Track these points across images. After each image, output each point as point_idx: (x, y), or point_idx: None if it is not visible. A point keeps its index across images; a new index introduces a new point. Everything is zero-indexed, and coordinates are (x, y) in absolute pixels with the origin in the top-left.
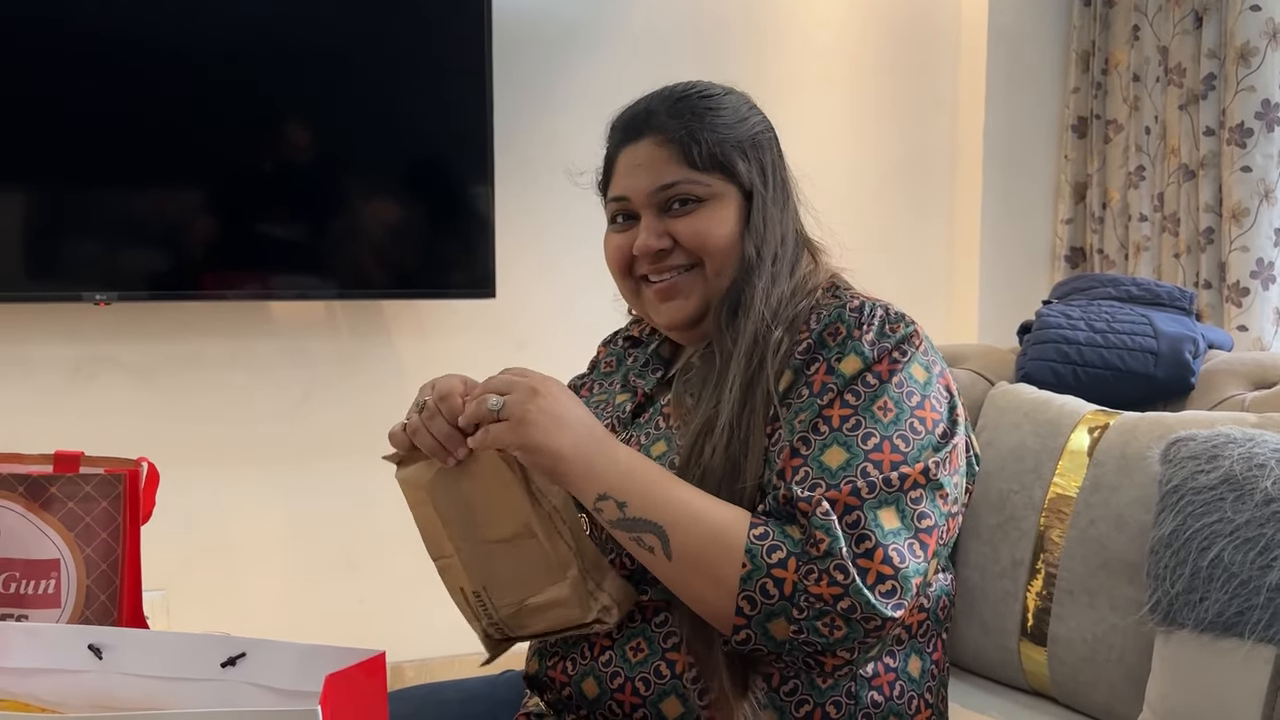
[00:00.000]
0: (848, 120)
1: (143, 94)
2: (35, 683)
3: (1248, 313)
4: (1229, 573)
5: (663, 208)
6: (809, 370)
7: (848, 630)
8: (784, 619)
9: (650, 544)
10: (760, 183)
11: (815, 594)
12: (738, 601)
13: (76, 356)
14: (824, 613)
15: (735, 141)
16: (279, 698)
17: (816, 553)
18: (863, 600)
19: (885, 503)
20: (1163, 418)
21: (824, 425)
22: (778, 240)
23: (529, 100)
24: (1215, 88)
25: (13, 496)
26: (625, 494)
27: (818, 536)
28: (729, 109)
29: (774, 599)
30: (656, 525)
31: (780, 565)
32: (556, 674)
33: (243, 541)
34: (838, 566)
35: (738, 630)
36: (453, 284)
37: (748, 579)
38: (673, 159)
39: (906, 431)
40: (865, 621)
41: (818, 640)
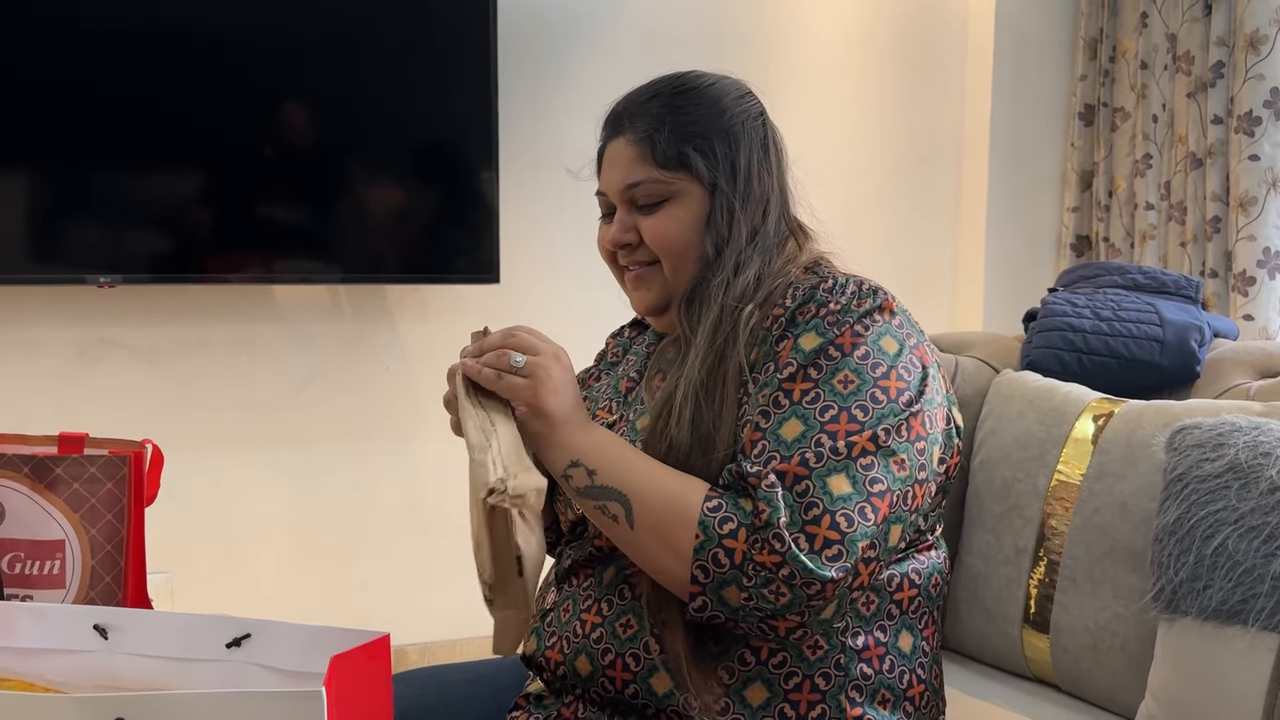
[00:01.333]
0: (854, 109)
1: (148, 76)
2: (40, 662)
3: (1254, 302)
4: (1233, 561)
5: (632, 203)
6: (778, 347)
7: (791, 596)
8: (735, 587)
9: (614, 512)
10: (728, 178)
11: (759, 562)
12: (692, 570)
13: (81, 339)
14: (769, 580)
15: (702, 136)
16: (284, 679)
17: (759, 523)
18: (800, 566)
19: (835, 470)
20: (1168, 406)
21: (784, 399)
22: (743, 236)
23: (534, 86)
24: (1224, 76)
25: (18, 477)
26: (596, 462)
27: (760, 508)
28: (705, 103)
29: (725, 568)
30: (621, 494)
31: (731, 536)
32: (553, 653)
33: (246, 525)
34: (775, 535)
35: (694, 598)
36: (457, 269)
37: (700, 549)
38: (639, 158)
39: (866, 401)
40: (805, 586)
41: (766, 606)
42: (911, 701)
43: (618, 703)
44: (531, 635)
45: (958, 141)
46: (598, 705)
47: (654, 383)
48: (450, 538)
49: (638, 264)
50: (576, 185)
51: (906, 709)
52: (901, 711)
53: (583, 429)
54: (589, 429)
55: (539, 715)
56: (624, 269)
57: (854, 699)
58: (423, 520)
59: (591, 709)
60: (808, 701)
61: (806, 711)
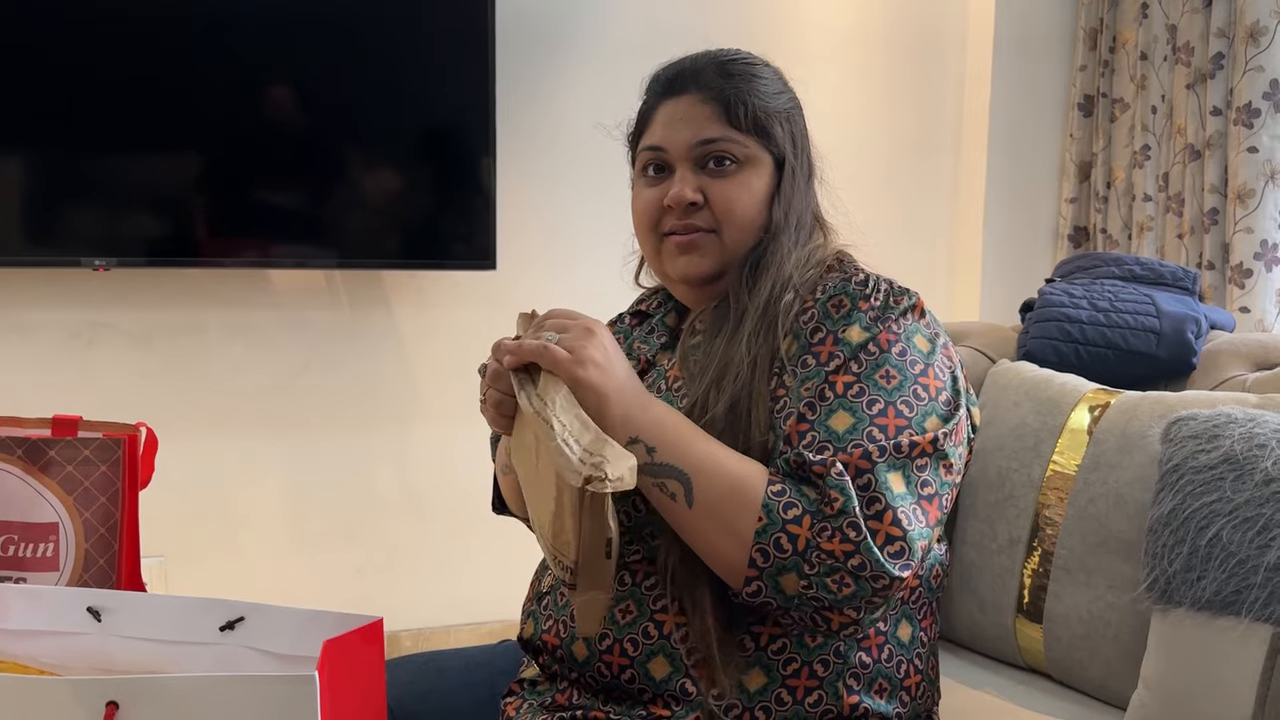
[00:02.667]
0: (852, 97)
1: (144, 59)
2: (34, 644)
3: (1250, 294)
4: (1227, 552)
5: (699, 163)
6: (813, 339)
7: (855, 588)
8: (795, 574)
9: (673, 490)
10: (792, 153)
11: (827, 550)
12: (751, 554)
13: (75, 322)
14: (834, 569)
15: (775, 109)
16: (277, 662)
17: (830, 511)
18: (873, 558)
19: (894, 467)
20: (1164, 397)
21: (829, 392)
22: (802, 209)
23: (533, 71)
24: (1223, 67)
25: (11, 460)
26: (655, 439)
27: (832, 495)
28: (768, 78)
29: (787, 554)
30: (681, 472)
31: (795, 522)
32: (549, 637)
33: (241, 509)
34: (851, 524)
35: (749, 582)
36: (453, 255)
37: (763, 532)
38: (715, 116)
39: (910, 398)
40: (874, 580)
41: (825, 596)
42: (908, 691)
43: (613, 688)
44: (529, 619)
45: (956, 132)
46: (592, 691)
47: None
48: (445, 523)
49: (693, 229)
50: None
51: (903, 698)
52: (898, 701)
53: (640, 404)
54: (647, 404)
55: (533, 701)
56: (668, 233)
57: (851, 687)
58: (418, 506)
59: (586, 695)
60: (805, 688)
61: (803, 698)
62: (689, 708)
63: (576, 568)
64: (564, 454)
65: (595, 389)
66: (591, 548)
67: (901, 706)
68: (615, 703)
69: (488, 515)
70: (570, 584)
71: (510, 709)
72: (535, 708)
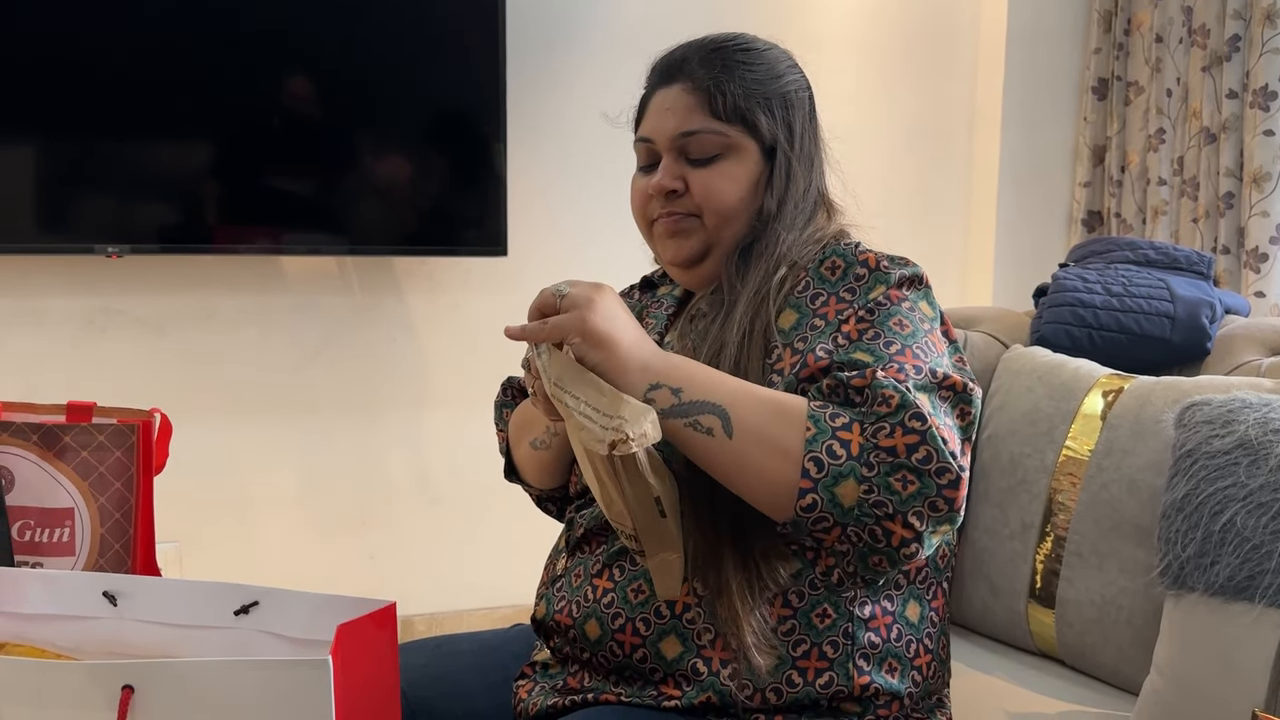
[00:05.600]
0: (865, 81)
1: (157, 46)
2: (51, 629)
3: (1266, 278)
4: (1241, 537)
5: (683, 153)
6: (815, 305)
7: (920, 484)
8: (853, 479)
9: (709, 425)
10: (785, 139)
11: (886, 447)
12: (804, 464)
13: (89, 308)
14: (897, 467)
15: (764, 96)
16: (291, 646)
17: (887, 409)
18: (938, 448)
19: (924, 389)
20: (1178, 382)
21: (843, 339)
22: (798, 196)
23: (544, 57)
24: (1239, 49)
25: (27, 445)
26: (679, 381)
27: (885, 394)
28: (764, 64)
29: (841, 459)
30: (715, 405)
31: (845, 429)
32: (562, 617)
33: (254, 495)
34: (914, 415)
35: (803, 494)
36: (464, 241)
37: (813, 441)
38: (698, 106)
39: (924, 346)
40: (939, 475)
41: (889, 499)
42: (919, 670)
43: (624, 668)
44: (541, 600)
45: (970, 115)
46: (604, 673)
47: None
48: (457, 508)
49: (676, 214)
50: (585, 158)
51: (914, 678)
52: (909, 680)
53: (656, 354)
54: (664, 354)
55: (545, 684)
56: (655, 219)
57: (861, 667)
58: (430, 490)
59: (597, 677)
60: (815, 669)
61: (814, 679)
62: (700, 688)
63: (637, 534)
64: (584, 427)
65: (603, 337)
66: (642, 509)
67: (913, 685)
68: (626, 684)
69: (500, 500)
70: (639, 551)
71: (522, 692)
72: (547, 690)
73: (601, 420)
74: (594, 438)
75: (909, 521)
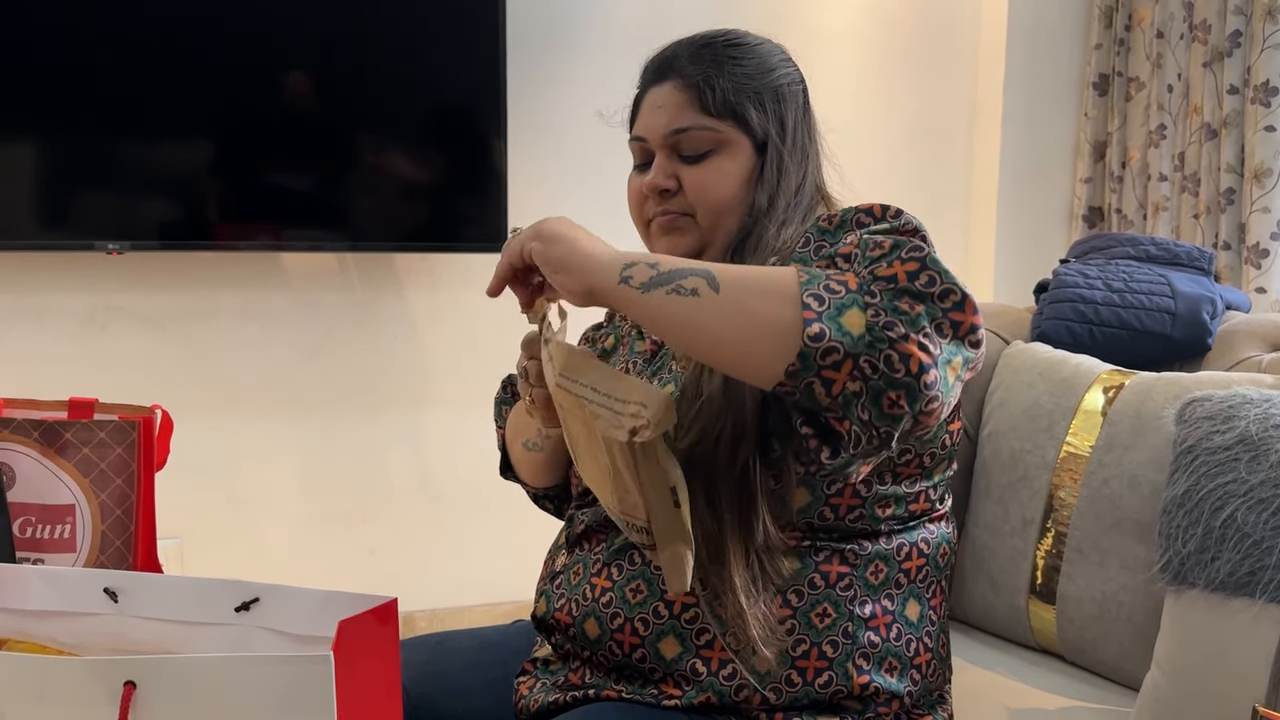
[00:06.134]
0: (865, 77)
1: (157, 43)
2: (52, 625)
3: (1267, 274)
4: (1241, 533)
5: (675, 150)
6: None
7: (925, 306)
8: (857, 308)
9: (693, 286)
10: (777, 134)
11: (886, 275)
12: (803, 299)
13: (90, 306)
14: (900, 292)
15: (754, 91)
16: (292, 642)
17: (881, 251)
18: (940, 270)
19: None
20: (1179, 378)
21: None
22: (791, 190)
23: (543, 54)
24: (1241, 45)
25: (28, 442)
26: (654, 260)
27: (878, 241)
28: (754, 59)
29: (840, 294)
30: (697, 269)
31: (839, 274)
32: (561, 615)
33: (255, 492)
34: (912, 248)
35: (808, 324)
36: (465, 237)
37: (808, 283)
38: (688, 103)
39: None
40: (942, 299)
41: (899, 319)
42: (918, 669)
43: (624, 667)
44: (541, 597)
45: (970, 111)
46: (604, 670)
47: None
48: (458, 504)
49: (671, 213)
50: (585, 153)
51: (913, 677)
52: (908, 679)
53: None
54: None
55: (546, 680)
56: (651, 219)
57: (861, 666)
58: (431, 487)
59: (598, 674)
60: (815, 669)
61: (813, 679)
62: (699, 688)
63: (650, 526)
64: (600, 416)
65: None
66: (657, 499)
67: (913, 685)
68: (627, 681)
69: (500, 496)
70: (650, 545)
71: (523, 688)
72: (548, 686)
73: (617, 407)
74: (612, 425)
75: (922, 343)
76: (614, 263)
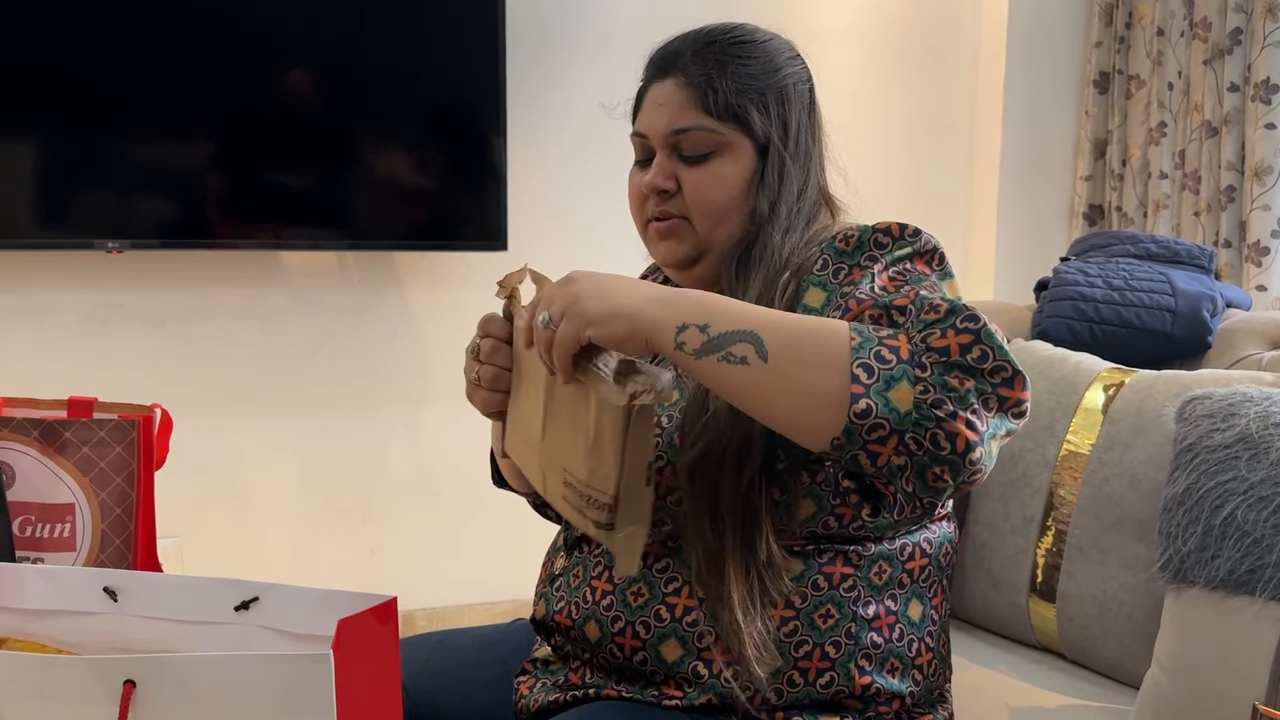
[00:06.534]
0: (866, 75)
1: (156, 42)
2: (52, 624)
3: (1267, 272)
4: (1242, 531)
5: (676, 150)
6: (838, 279)
7: (976, 381)
8: (906, 382)
9: (742, 354)
10: (780, 136)
11: (939, 347)
12: (852, 371)
13: (89, 304)
14: (951, 366)
15: (758, 91)
16: (292, 641)
17: (935, 316)
18: (994, 345)
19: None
20: (1179, 376)
21: (879, 290)
22: (793, 195)
23: (542, 52)
24: (1241, 42)
25: (27, 441)
26: (704, 317)
27: (933, 303)
28: (760, 57)
29: (891, 364)
30: (746, 332)
31: (892, 338)
32: (561, 618)
33: (255, 490)
34: (967, 318)
35: (855, 399)
36: (464, 236)
37: (860, 348)
38: (690, 102)
39: None
40: (994, 374)
41: (947, 397)
42: (920, 670)
43: (625, 669)
44: (540, 600)
45: (971, 109)
46: (605, 671)
47: None
48: (458, 503)
49: (668, 215)
50: (585, 151)
51: (915, 677)
52: (909, 680)
53: (672, 297)
54: (681, 294)
55: (546, 680)
56: (650, 219)
57: (863, 667)
58: (431, 485)
59: (599, 674)
60: (816, 669)
61: (815, 679)
62: (701, 689)
63: (616, 502)
64: (602, 378)
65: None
66: (634, 472)
67: (914, 685)
68: (628, 682)
69: (500, 495)
70: (608, 523)
71: (524, 688)
72: (548, 686)
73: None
74: (612, 391)
75: (970, 421)
76: (666, 324)
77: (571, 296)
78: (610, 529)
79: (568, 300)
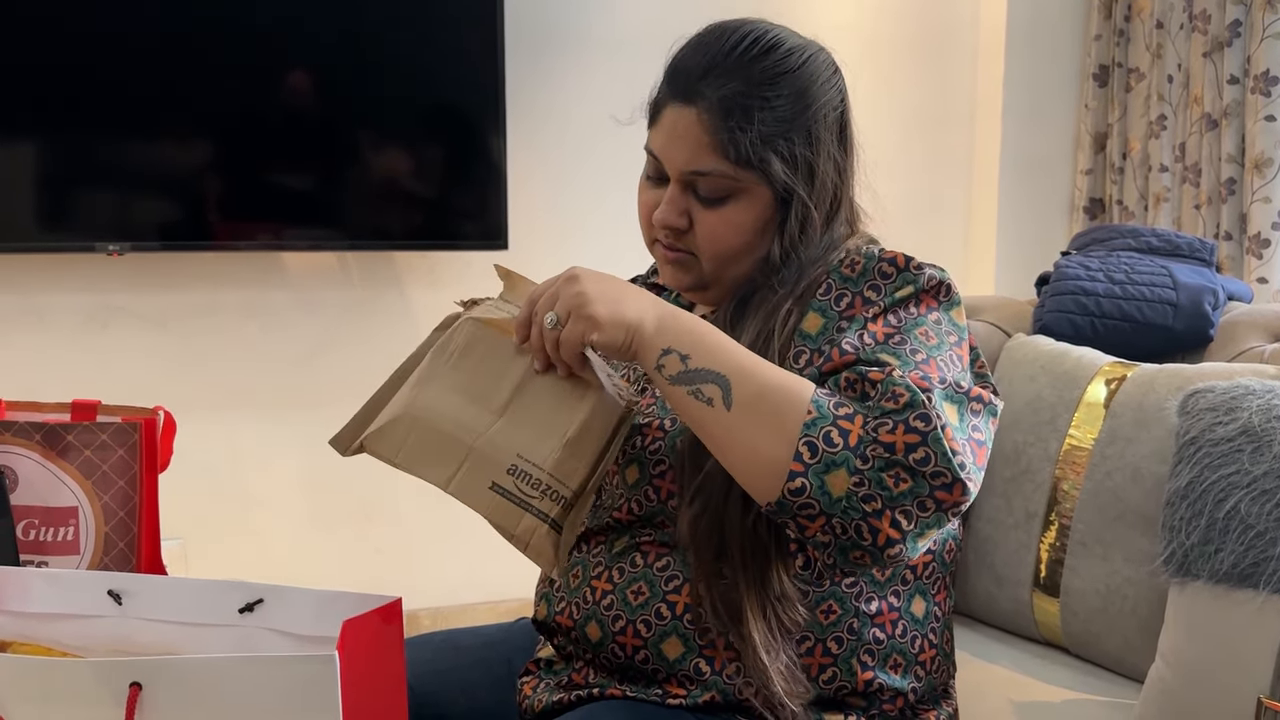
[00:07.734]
0: (865, 70)
1: (157, 43)
2: (56, 627)
3: (1268, 264)
4: (1245, 524)
5: (690, 187)
6: (840, 306)
7: (912, 484)
8: (845, 470)
9: (710, 395)
10: (805, 185)
11: (886, 442)
12: (797, 447)
13: (90, 306)
14: (891, 464)
15: (784, 137)
16: (296, 643)
17: (894, 405)
18: (940, 451)
19: (950, 399)
20: (1181, 369)
21: (869, 338)
22: (813, 241)
23: (542, 49)
24: (1241, 35)
25: (30, 445)
26: (689, 348)
27: (897, 392)
28: (790, 94)
29: (837, 448)
30: (719, 374)
31: (847, 419)
32: (562, 619)
33: (259, 491)
34: (920, 416)
35: (793, 477)
36: (465, 235)
37: (811, 425)
38: (712, 147)
39: (948, 359)
40: (933, 479)
41: (879, 494)
42: (923, 666)
43: (628, 668)
44: (541, 601)
45: (971, 103)
46: (608, 670)
47: None
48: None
49: (676, 248)
50: (585, 150)
51: (917, 673)
52: (912, 676)
53: (670, 316)
54: (676, 315)
55: (550, 680)
56: (657, 241)
57: (866, 663)
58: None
59: (602, 674)
60: (819, 665)
61: (817, 675)
62: (703, 687)
63: (575, 499)
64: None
65: (615, 322)
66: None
67: (917, 681)
68: (631, 682)
69: None
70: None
71: (527, 688)
72: (552, 686)
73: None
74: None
75: (896, 520)
76: (654, 345)
77: (581, 298)
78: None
79: (576, 301)
